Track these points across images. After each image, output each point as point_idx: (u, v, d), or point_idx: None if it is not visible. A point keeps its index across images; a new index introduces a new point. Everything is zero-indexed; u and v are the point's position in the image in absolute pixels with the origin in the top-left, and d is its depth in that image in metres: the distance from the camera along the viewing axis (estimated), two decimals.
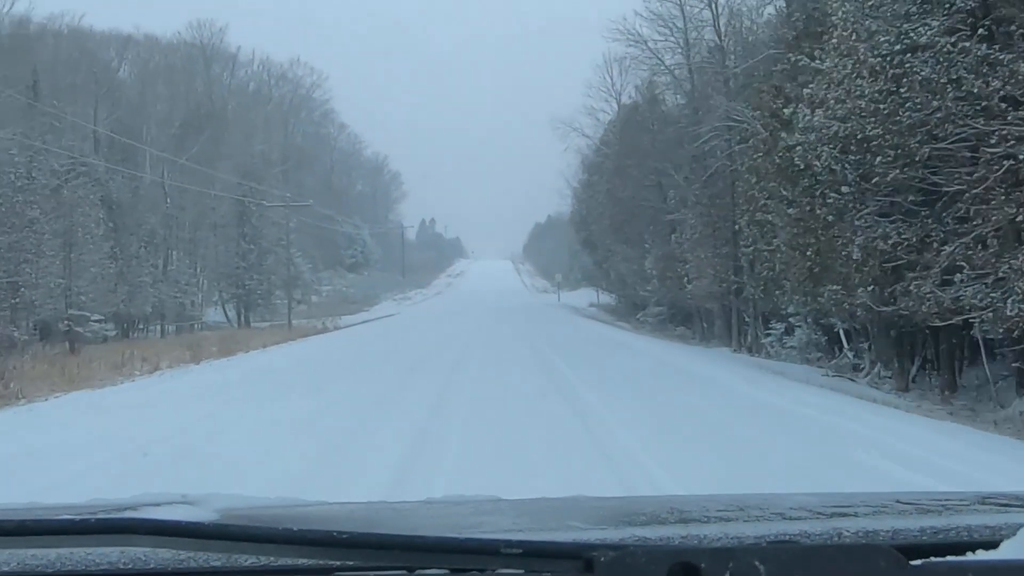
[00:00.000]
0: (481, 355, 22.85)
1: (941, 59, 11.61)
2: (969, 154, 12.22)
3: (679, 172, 28.52)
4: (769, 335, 23.49)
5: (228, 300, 46.14)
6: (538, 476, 7.23)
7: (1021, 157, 11.10)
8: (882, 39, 12.65)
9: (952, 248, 12.12)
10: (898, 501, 1.53)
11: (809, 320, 20.74)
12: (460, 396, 14.02)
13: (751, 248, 21.22)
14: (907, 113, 12.24)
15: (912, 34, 12.06)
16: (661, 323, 36.11)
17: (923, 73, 11.81)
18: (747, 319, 24.90)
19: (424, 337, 30.30)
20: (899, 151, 12.69)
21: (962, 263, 11.93)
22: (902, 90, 12.29)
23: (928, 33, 11.85)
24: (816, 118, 14.26)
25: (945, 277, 12.33)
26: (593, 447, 9.43)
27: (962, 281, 11.87)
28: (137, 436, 10.02)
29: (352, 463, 8.61)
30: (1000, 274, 11.38)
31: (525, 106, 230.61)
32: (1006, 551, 1.03)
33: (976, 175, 11.71)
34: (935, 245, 12.67)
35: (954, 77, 11.46)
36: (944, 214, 12.89)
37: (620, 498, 2.29)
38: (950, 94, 11.54)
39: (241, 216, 45.61)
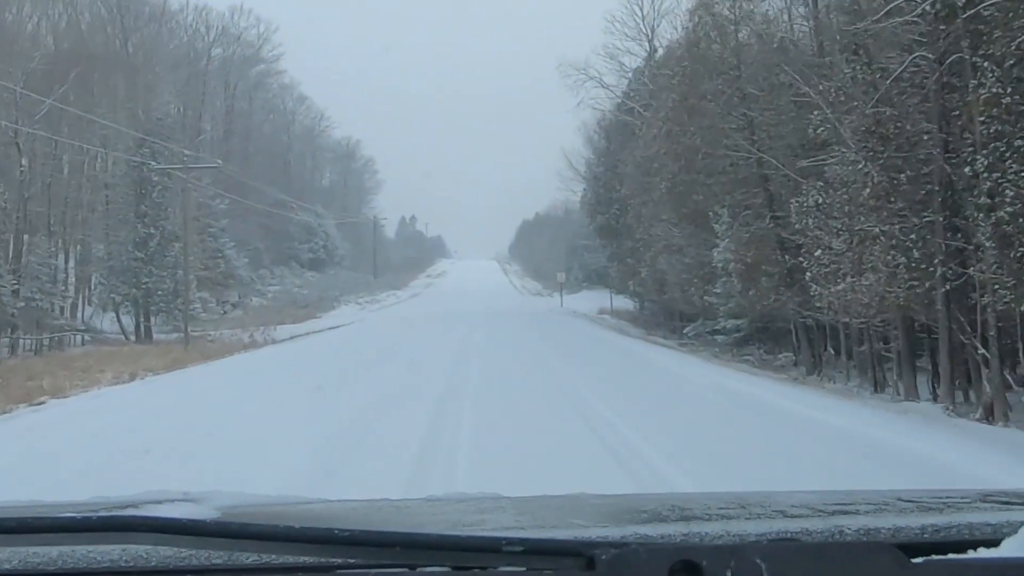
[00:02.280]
0: (480, 447, 9.86)
1: None
2: None
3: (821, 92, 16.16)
4: None
5: (121, 303, 33.81)
6: None
7: None
8: None
9: None
10: (899, 499, 1.50)
11: None
12: None
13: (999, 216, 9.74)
14: None
15: None
16: (732, 344, 24.14)
17: None
18: (977, 347, 12.91)
19: (364, 375, 18.13)
20: None
21: None
22: None
23: None
24: None
25: None
26: None
27: None
28: None
29: None
30: None
31: (509, 103, 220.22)
32: (1007, 549, 1.03)
33: None
34: None
35: None
36: None
37: (622, 496, 2.18)
38: None
39: (139, 190, 33.29)
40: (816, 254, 16.48)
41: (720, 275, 23.08)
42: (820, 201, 16.41)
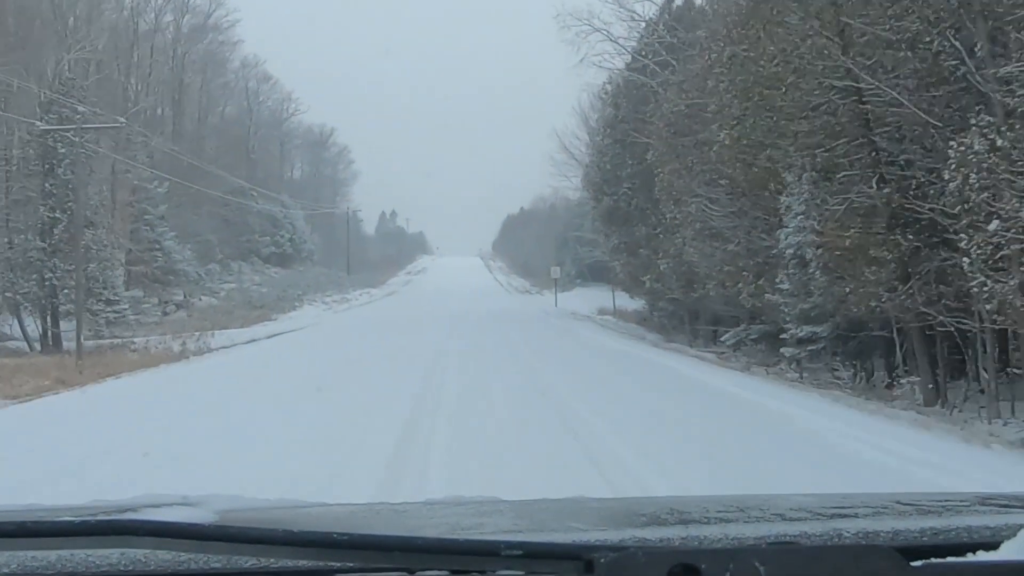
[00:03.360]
0: None
1: None
2: None
3: None
4: None
5: (21, 304, 27.49)
6: None
7: None
8: None
9: None
10: (898, 502, 1.51)
11: None
12: None
13: None
14: None
15: None
16: (804, 357, 17.98)
17: None
18: None
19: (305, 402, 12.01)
20: None
21: None
22: None
23: None
24: None
25: None
26: None
27: None
28: None
29: None
30: None
31: (493, 99, 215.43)
32: (1006, 552, 1.03)
33: None
34: None
35: None
36: None
37: (620, 499, 2.31)
38: None
39: (45, 165, 26.98)
40: (992, 226, 10.49)
41: (788, 265, 17.09)
42: (998, 144, 10.44)
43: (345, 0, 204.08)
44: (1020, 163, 10.27)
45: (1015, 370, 12.42)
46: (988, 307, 10.85)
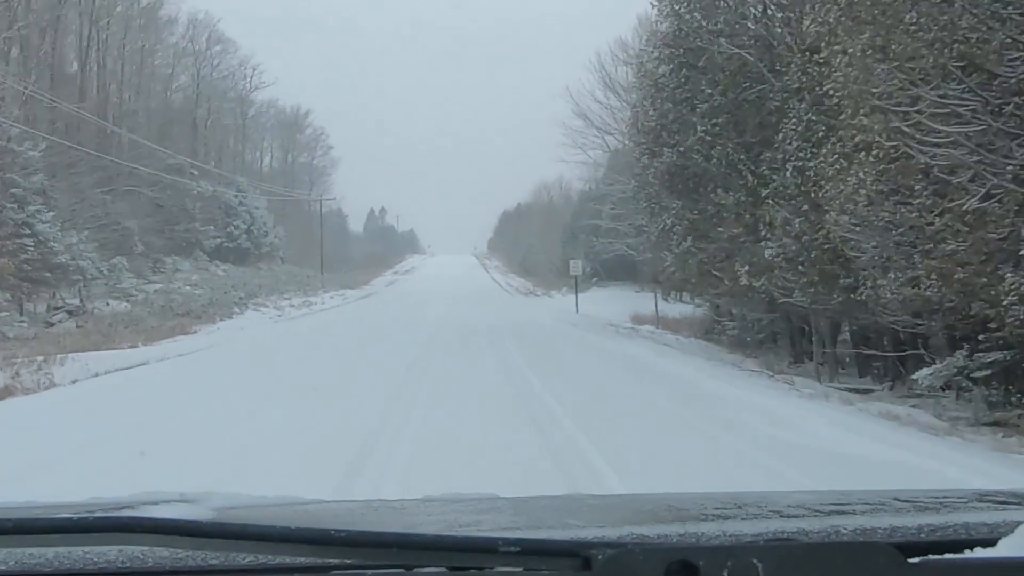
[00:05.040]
0: None
1: None
2: None
3: None
4: None
5: None
6: None
7: None
8: None
9: None
10: (896, 499, 1.50)
11: None
12: None
13: None
14: None
15: None
16: None
17: None
18: None
19: None
20: None
21: None
22: None
23: None
24: None
25: None
26: None
27: None
28: None
29: None
30: None
31: (489, 96, 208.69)
32: (1004, 549, 1.02)
33: None
34: None
35: None
36: None
37: (618, 496, 2.25)
38: None
39: None
40: None
41: None
42: None
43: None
44: None
45: None
46: None
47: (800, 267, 15.36)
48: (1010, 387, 12.02)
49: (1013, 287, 9.78)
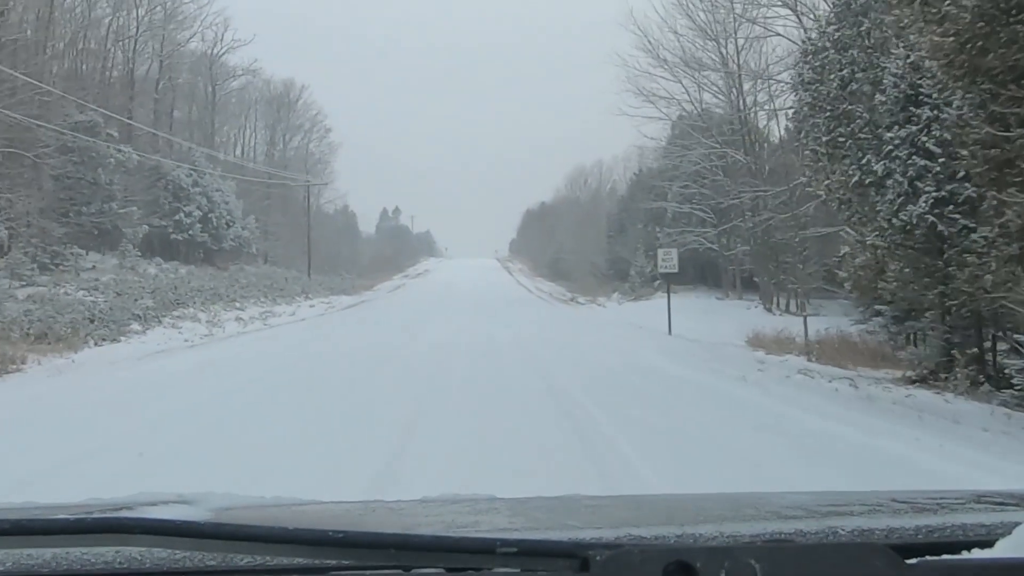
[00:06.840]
0: None
1: None
2: None
3: None
4: None
5: None
6: None
7: None
8: None
9: None
10: (893, 500, 1.48)
11: None
12: None
13: None
14: None
15: None
16: None
17: None
18: None
19: None
20: None
21: None
22: None
23: None
24: None
25: None
26: None
27: None
28: None
29: None
30: None
31: (508, 93, 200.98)
32: (1001, 550, 1.01)
33: None
34: None
35: None
36: None
37: (616, 497, 2.18)
38: None
39: None
40: None
41: None
42: None
43: None
44: None
45: None
46: None
47: None
48: None
49: None
